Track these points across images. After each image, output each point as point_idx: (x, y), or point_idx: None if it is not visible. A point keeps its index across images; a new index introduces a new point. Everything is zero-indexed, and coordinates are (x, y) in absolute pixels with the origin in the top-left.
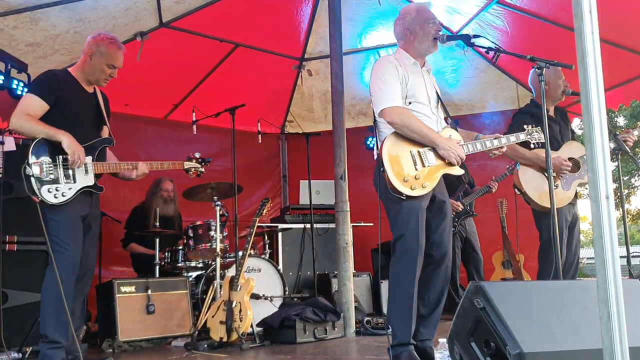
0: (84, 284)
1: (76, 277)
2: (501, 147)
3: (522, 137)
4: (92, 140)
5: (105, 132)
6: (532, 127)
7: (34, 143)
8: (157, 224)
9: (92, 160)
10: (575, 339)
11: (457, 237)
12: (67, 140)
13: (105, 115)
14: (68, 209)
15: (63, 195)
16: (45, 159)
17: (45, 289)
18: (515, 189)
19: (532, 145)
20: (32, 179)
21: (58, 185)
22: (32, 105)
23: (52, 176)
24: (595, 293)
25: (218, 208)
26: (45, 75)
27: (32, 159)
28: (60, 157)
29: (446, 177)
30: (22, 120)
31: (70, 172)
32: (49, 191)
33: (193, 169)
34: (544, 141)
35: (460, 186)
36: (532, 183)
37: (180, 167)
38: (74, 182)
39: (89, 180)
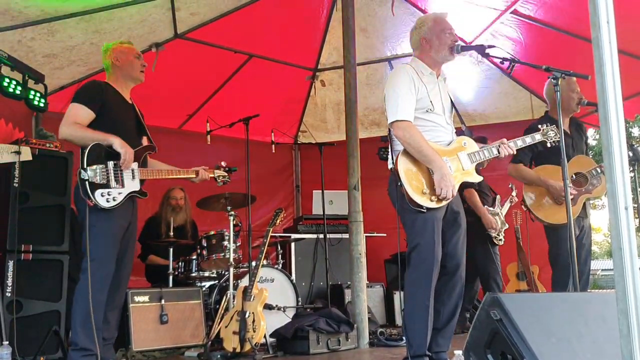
0: (121, 293)
1: (116, 285)
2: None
3: (538, 137)
4: (135, 147)
5: (145, 142)
6: (547, 126)
7: (88, 149)
8: (171, 233)
9: (138, 166)
10: (594, 352)
11: (494, 246)
12: (118, 141)
13: (144, 125)
14: (115, 215)
15: (114, 200)
16: (99, 164)
17: (77, 296)
18: (522, 205)
19: (548, 144)
20: (87, 183)
21: (110, 189)
22: (80, 114)
23: (104, 180)
24: (614, 305)
25: (231, 218)
26: (90, 85)
27: (87, 163)
28: (111, 162)
29: (480, 192)
30: (72, 129)
31: (120, 177)
32: (101, 195)
33: (221, 177)
34: (559, 139)
35: (496, 198)
36: (536, 200)
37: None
38: (123, 186)
39: (136, 186)
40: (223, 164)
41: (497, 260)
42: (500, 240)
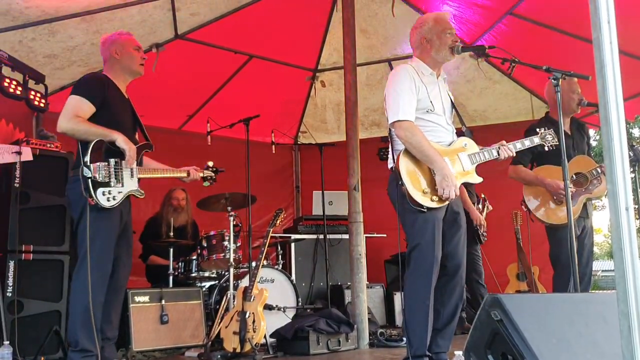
0: (121, 293)
1: (116, 286)
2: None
3: (536, 140)
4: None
5: (138, 137)
6: (545, 129)
7: (91, 145)
8: (172, 234)
9: (136, 165)
10: (595, 353)
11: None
12: (121, 138)
13: (140, 121)
14: (113, 214)
15: (114, 199)
16: (101, 161)
17: (74, 296)
18: (522, 205)
19: (546, 148)
20: (89, 181)
21: (110, 188)
22: (81, 107)
23: (106, 179)
24: (614, 306)
25: (232, 218)
26: (91, 78)
27: (89, 160)
28: (112, 160)
29: (467, 189)
30: (73, 122)
31: (120, 175)
32: (103, 194)
33: (208, 177)
34: (557, 143)
35: (478, 198)
36: (536, 200)
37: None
38: (123, 185)
39: (134, 185)
40: (210, 164)
41: (480, 261)
42: (484, 238)
